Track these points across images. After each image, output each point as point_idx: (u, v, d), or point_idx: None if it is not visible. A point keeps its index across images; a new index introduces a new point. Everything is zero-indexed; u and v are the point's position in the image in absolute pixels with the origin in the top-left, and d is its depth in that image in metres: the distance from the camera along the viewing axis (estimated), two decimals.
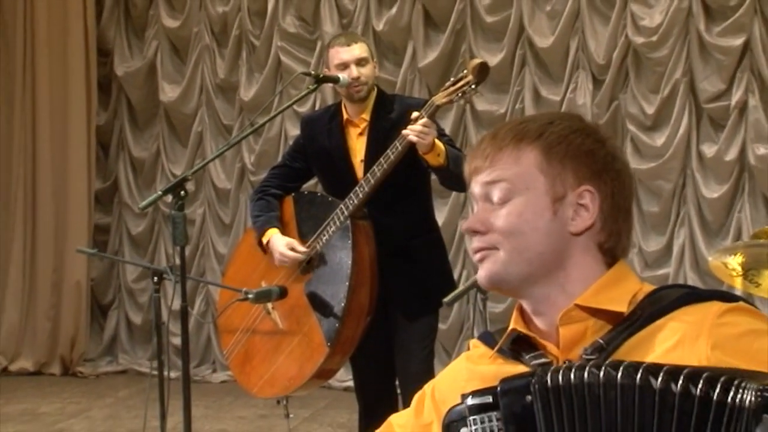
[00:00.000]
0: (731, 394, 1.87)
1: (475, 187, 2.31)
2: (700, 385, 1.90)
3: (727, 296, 2.22)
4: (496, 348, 2.33)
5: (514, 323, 2.30)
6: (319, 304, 5.87)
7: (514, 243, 2.24)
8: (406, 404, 5.85)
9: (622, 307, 2.19)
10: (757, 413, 1.83)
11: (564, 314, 2.21)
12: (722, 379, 1.90)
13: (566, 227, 2.25)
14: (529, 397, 2.04)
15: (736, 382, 1.88)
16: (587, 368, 2.01)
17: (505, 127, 2.34)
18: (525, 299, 2.30)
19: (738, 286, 5.22)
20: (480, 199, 2.30)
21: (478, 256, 2.29)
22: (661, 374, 1.94)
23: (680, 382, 1.92)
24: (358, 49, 5.94)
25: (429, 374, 5.89)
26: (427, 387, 2.51)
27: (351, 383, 6.72)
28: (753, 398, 1.84)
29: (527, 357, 2.25)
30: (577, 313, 2.22)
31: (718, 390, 1.89)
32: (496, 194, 2.26)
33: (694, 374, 1.92)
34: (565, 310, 2.21)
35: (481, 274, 2.29)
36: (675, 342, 2.11)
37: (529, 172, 2.25)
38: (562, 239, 2.25)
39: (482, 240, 2.27)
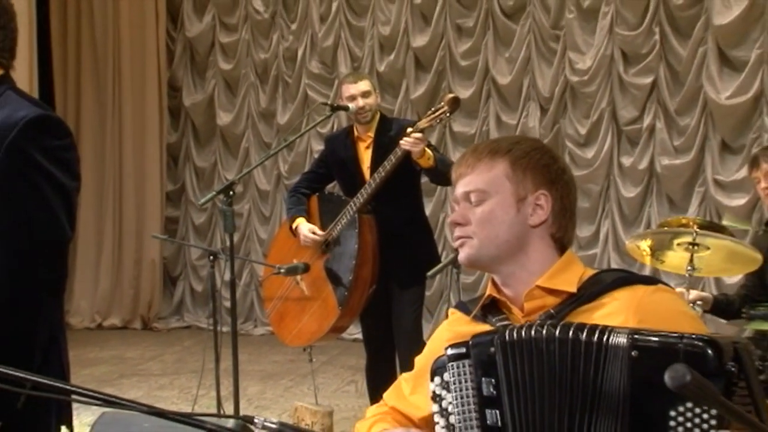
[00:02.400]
0: (611, 336, 2.00)
1: (458, 190, 2.38)
2: (596, 333, 2.02)
3: (651, 279, 2.31)
4: (472, 314, 2.38)
5: (490, 291, 2.37)
6: (333, 277, 5.89)
7: (487, 232, 2.31)
8: (400, 352, 5.87)
9: (573, 288, 2.26)
10: (629, 350, 1.96)
11: (528, 293, 2.28)
12: (607, 327, 2.02)
13: (526, 221, 2.32)
14: (492, 349, 2.12)
15: (615, 330, 2.01)
16: (534, 327, 2.09)
17: (483, 144, 2.43)
18: (495, 274, 2.37)
19: (648, 263, 5.22)
20: (462, 200, 2.36)
21: (458, 242, 2.36)
22: (586, 330, 2.03)
23: (596, 334, 2.02)
24: (363, 85, 5.95)
25: (418, 331, 5.92)
26: (423, 358, 2.51)
27: (359, 336, 6.71)
28: (625, 340, 1.97)
29: (494, 320, 2.31)
30: (538, 292, 2.28)
31: (604, 335, 2.02)
32: (473, 197, 2.33)
33: (604, 329, 2.02)
34: (528, 290, 2.29)
35: (461, 256, 2.37)
36: (608, 315, 2.17)
37: (499, 180, 2.32)
38: (523, 230, 2.32)
39: (462, 230, 2.34)
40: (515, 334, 2.10)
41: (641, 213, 9.34)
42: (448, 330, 2.45)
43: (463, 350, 2.15)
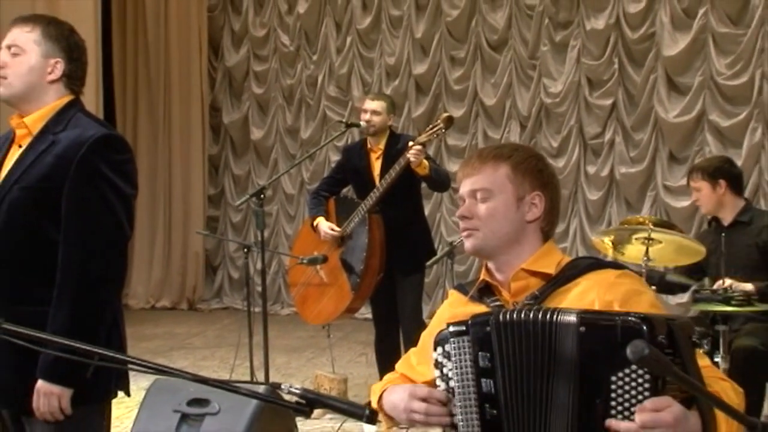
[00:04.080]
0: (562, 315, 2.03)
1: (465, 188, 2.35)
2: (549, 313, 2.05)
3: (618, 265, 2.36)
4: (469, 295, 2.38)
5: (483, 276, 2.36)
6: (347, 267, 5.87)
7: (491, 226, 2.30)
8: (403, 329, 5.85)
9: (551, 269, 2.27)
10: (578, 326, 1.98)
11: (514, 274, 2.29)
12: (561, 310, 2.05)
13: (524, 217, 2.32)
14: (488, 328, 2.11)
15: (565, 311, 2.04)
16: (523, 311, 2.10)
17: (487, 149, 2.41)
18: (492, 261, 2.35)
19: (610, 254, 5.21)
20: (468, 197, 2.34)
21: (465, 233, 2.34)
22: (550, 312, 2.05)
23: (549, 315, 2.04)
24: (375, 105, 5.95)
25: (418, 311, 5.91)
26: (427, 335, 2.49)
27: (369, 316, 6.70)
28: (574, 318, 1.99)
29: (488, 301, 2.31)
30: (522, 274, 2.29)
31: (558, 314, 2.04)
32: (479, 195, 2.31)
33: (557, 310, 2.05)
34: (514, 272, 2.29)
35: (467, 245, 2.35)
36: (582, 293, 2.20)
37: (502, 181, 2.31)
38: (520, 225, 2.31)
39: (469, 223, 2.32)
40: (507, 317, 2.10)
41: (603, 213, 9.34)
42: (448, 309, 2.44)
43: (463, 328, 2.14)
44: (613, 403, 1.92)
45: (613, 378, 1.92)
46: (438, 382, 2.20)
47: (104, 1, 10.38)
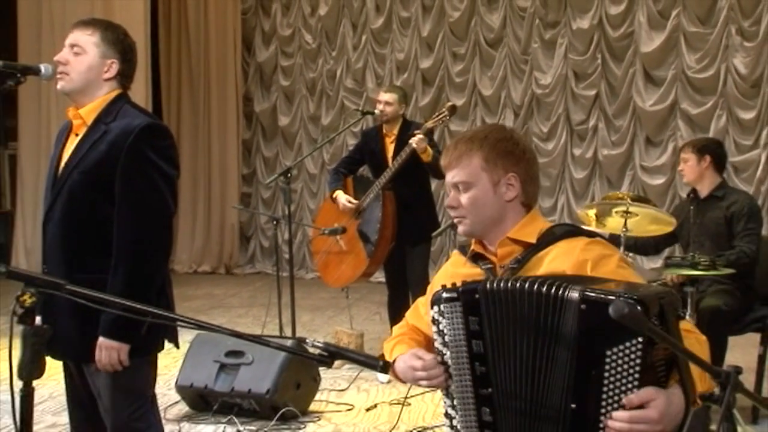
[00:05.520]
0: (566, 292, 1.94)
1: (448, 179, 2.31)
2: (554, 288, 1.95)
3: (590, 233, 2.29)
4: (467, 257, 2.35)
5: (474, 246, 2.33)
6: (364, 237, 5.87)
7: (475, 213, 2.26)
8: (412, 291, 5.85)
9: (532, 238, 2.23)
10: (579, 303, 1.90)
11: (500, 243, 2.26)
12: (563, 283, 1.96)
13: (503, 198, 2.26)
14: (477, 296, 2.07)
15: (569, 285, 1.94)
16: (510, 280, 2.04)
17: (461, 141, 2.32)
18: (483, 239, 2.31)
19: (594, 226, 5.20)
20: (451, 188, 2.30)
21: (456, 221, 2.31)
22: (546, 284, 1.98)
23: (554, 288, 1.96)
24: (387, 96, 5.93)
25: (425, 276, 5.88)
26: (436, 284, 2.43)
27: (382, 280, 6.71)
28: (577, 295, 1.91)
29: (481, 263, 2.28)
30: (507, 242, 2.25)
31: (561, 290, 1.95)
32: (461, 187, 2.27)
33: (562, 285, 1.96)
34: (500, 240, 2.26)
35: (460, 230, 2.31)
36: (557, 258, 2.17)
37: (477, 172, 2.25)
38: (502, 205, 2.26)
39: (456, 212, 2.29)
40: (494, 286, 2.05)
41: (588, 190, 9.33)
42: (450, 268, 2.42)
43: (455, 294, 2.09)
44: (607, 374, 1.88)
45: (608, 352, 1.87)
46: (435, 336, 2.17)
47: (152, 5, 10.42)
